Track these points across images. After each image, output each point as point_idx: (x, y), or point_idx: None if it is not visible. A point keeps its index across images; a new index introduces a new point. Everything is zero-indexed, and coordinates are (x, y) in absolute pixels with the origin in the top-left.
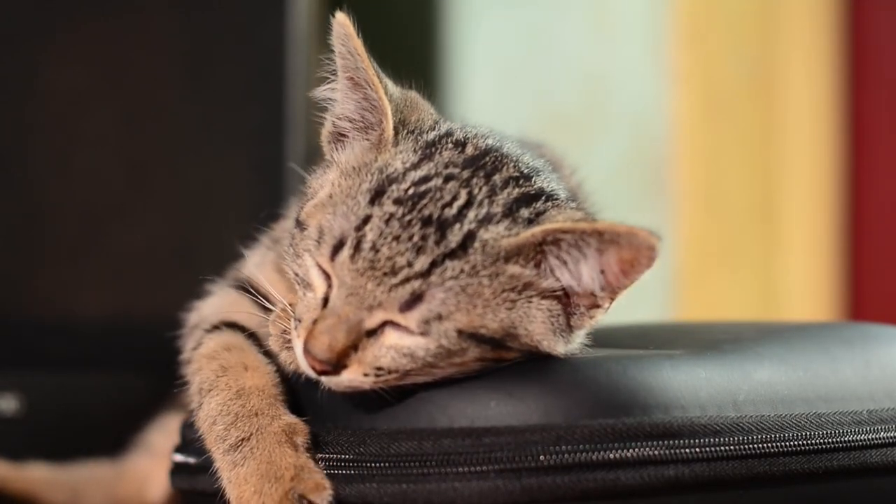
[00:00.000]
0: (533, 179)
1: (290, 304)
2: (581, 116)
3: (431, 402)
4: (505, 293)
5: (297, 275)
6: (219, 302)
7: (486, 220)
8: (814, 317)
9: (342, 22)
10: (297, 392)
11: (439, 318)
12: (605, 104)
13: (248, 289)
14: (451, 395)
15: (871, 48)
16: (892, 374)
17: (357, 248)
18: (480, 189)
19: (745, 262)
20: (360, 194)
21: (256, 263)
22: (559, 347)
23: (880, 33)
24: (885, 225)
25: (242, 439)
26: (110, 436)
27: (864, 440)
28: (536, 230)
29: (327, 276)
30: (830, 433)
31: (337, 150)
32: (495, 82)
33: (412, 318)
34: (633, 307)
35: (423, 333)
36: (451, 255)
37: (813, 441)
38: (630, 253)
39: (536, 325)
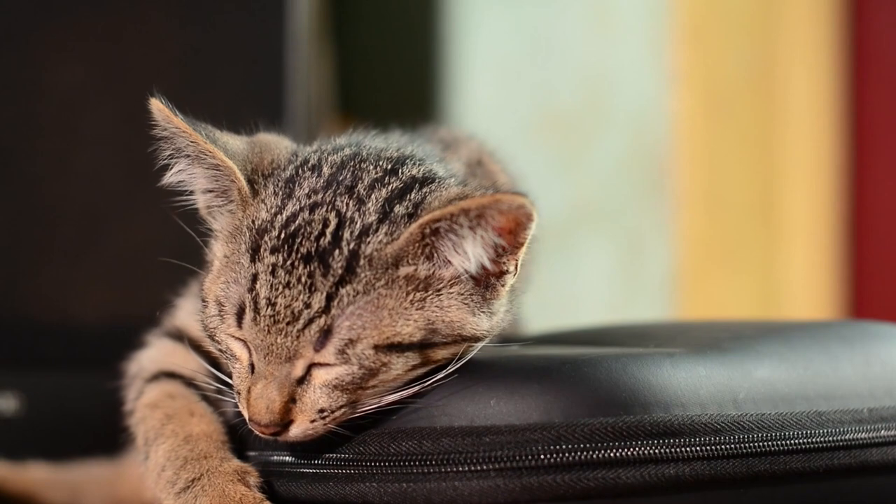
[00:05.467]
0: (400, 171)
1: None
2: (581, 116)
3: (431, 401)
4: (409, 295)
5: (220, 350)
6: (156, 352)
7: (364, 234)
8: (814, 316)
9: (157, 107)
10: None
11: (352, 342)
12: (605, 104)
13: (183, 338)
14: (451, 394)
15: (872, 47)
16: (892, 372)
17: (256, 309)
18: (347, 205)
19: (746, 261)
20: (241, 256)
21: (189, 312)
22: (483, 325)
23: (881, 33)
24: (885, 224)
25: (193, 479)
26: (110, 436)
27: (865, 438)
28: (413, 228)
29: (245, 343)
30: (831, 431)
31: (215, 221)
32: (495, 82)
33: (329, 353)
34: (633, 307)
35: (344, 362)
36: (342, 282)
37: (813, 439)
38: (504, 218)
39: (453, 314)
